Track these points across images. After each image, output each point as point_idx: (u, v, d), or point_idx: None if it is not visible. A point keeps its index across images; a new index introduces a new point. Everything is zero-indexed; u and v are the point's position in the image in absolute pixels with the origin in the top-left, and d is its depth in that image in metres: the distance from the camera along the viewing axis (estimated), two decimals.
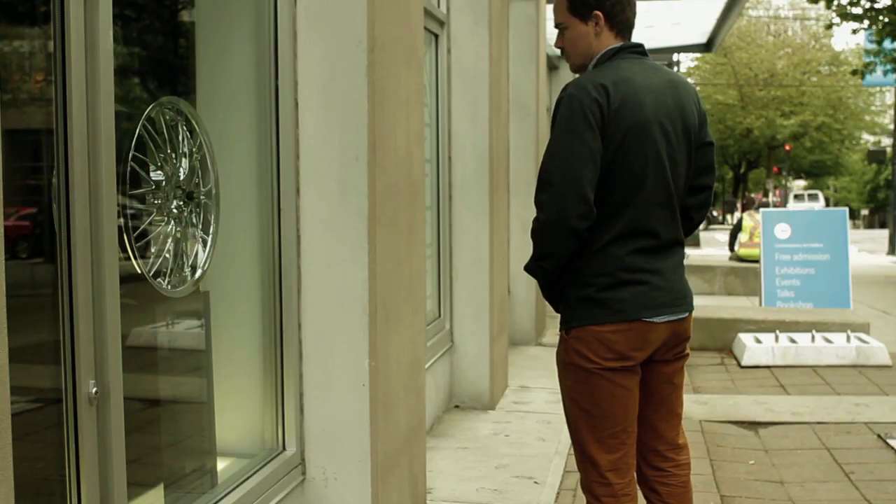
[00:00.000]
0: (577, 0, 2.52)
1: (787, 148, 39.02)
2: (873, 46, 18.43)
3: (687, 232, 2.68)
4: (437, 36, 5.38)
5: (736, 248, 15.77)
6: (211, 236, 2.70)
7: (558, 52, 2.66)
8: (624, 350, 2.44)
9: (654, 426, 2.63)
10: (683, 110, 2.52)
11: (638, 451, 2.63)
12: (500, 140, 5.83)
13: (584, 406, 2.50)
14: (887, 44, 17.27)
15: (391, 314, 3.21)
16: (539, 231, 2.46)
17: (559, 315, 2.59)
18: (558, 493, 4.04)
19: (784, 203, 35.19)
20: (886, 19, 15.82)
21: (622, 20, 2.53)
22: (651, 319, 2.45)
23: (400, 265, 3.32)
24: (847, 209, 10.48)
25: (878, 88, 39.05)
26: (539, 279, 2.57)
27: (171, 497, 2.59)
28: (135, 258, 2.30)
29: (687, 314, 2.56)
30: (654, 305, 2.46)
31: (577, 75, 2.57)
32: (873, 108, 43.37)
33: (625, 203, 2.44)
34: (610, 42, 2.53)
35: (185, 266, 2.59)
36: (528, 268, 2.58)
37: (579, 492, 4.06)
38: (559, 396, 2.67)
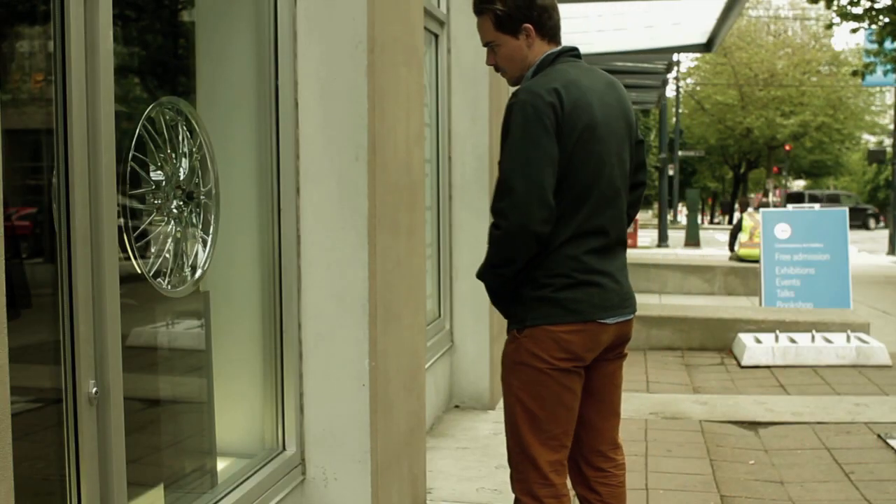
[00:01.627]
0: (503, 18, 2.51)
1: (787, 148, 39.01)
2: (873, 47, 18.43)
3: None
4: (437, 36, 5.38)
5: (736, 248, 15.77)
6: (211, 236, 2.70)
7: None
8: (577, 350, 2.45)
9: (595, 427, 2.63)
10: (624, 109, 2.56)
11: (578, 453, 2.63)
12: (499, 140, 5.83)
13: (529, 407, 2.47)
14: (887, 44, 17.27)
15: (391, 314, 3.21)
16: (501, 238, 2.41)
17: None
18: None
19: (784, 203, 35.20)
20: (887, 19, 15.82)
21: (550, 27, 2.54)
22: (604, 321, 2.46)
23: (400, 265, 3.32)
24: (847, 209, 10.48)
25: (878, 88, 39.04)
26: (495, 286, 2.54)
27: (171, 497, 2.59)
28: (135, 258, 2.30)
29: (632, 316, 2.58)
30: (607, 306, 2.47)
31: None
32: (873, 108, 43.36)
33: (579, 204, 2.45)
34: (544, 49, 2.54)
35: (185, 266, 2.59)
36: (482, 276, 2.53)
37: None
38: None
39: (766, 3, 41.92)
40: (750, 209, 18.85)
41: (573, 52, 2.57)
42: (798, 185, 53.79)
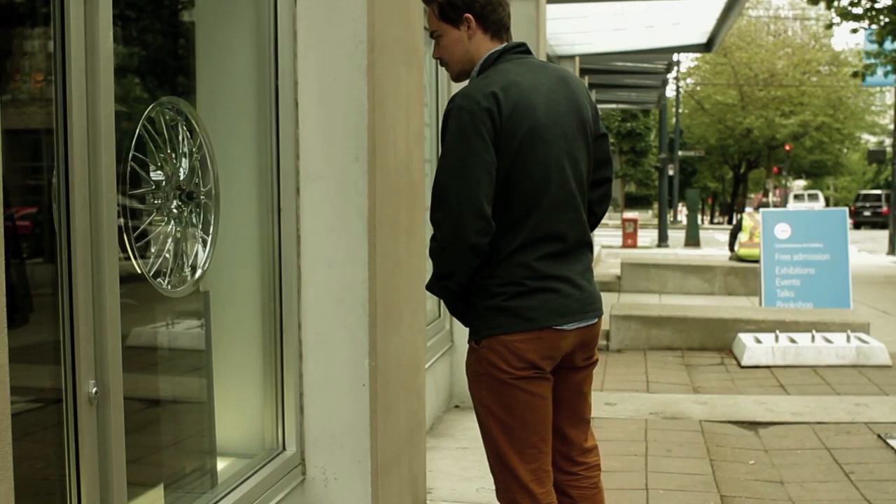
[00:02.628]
0: (445, 5, 2.44)
1: (787, 148, 39.02)
2: (874, 48, 18.43)
3: (591, 227, 2.59)
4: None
5: (736, 248, 15.77)
6: (211, 236, 2.70)
7: (558, 52, 2.62)
8: (534, 359, 2.36)
9: (562, 433, 2.57)
10: (577, 106, 2.44)
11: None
12: None
13: (500, 417, 2.41)
14: (887, 44, 17.27)
15: (391, 314, 3.21)
16: (438, 250, 2.35)
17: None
18: None
19: (784, 203, 35.20)
20: (887, 19, 15.82)
21: (494, 21, 2.45)
22: (561, 327, 2.38)
23: (400, 265, 3.32)
24: (847, 209, 10.48)
25: (878, 88, 39.06)
26: (444, 298, 2.48)
27: (171, 497, 2.59)
28: (135, 258, 2.30)
29: (596, 320, 2.49)
30: (565, 312, 2.38)
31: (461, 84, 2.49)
32: (873, 108, 43.38)
33: (528, 210, 2.36)
34: (486, 45, 2.46)
35: (185, 266, 2.59)
36: (431, 287, 2.48)
37: None
38: None
39: (766, 3, 41.94)
40: (749, 209, 18.86)
41: (519, 49, 2.46)
42: (798, 185, 53.79)
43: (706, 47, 12.71)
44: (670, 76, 22.65)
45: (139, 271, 2.34)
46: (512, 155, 2.31)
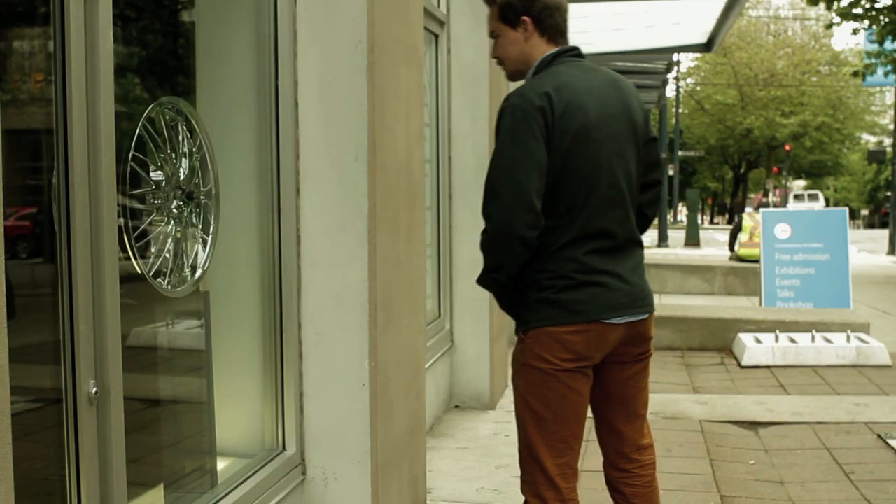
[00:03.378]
0: (505, 7, 2.53)
1: (787, 148, 39.02)
2: (874, 48, 18.42)
3: (642, 229, 2.66)
4: (437, 36, 5.38)
5: (736, 248, 15.78)
6: (211, 236, 2.70)
7: None
8: (582, 350, 2.43)
9: (615, 428, 2.62)
10: (628, 108, 2.51)
11: (602, 453, 2.67)
12: None
13: (535, 408, 2.47)
14: (888, 44, 17.27)
15: (391, 314, 3.21)
16: (488, 243, 2.43)
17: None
18: None
19: (784, 203, 35.19)
20: (887, 19, 15.82)
21: (551, 25, 2.53)
22: (609, 321, 2.43)
23: (400, 265, 3.32)
24: (847, 209, 10.48)
25: (878, 88, 39.05)
26: (494, 291, 2.55)
27: (171, 497, 2.59)
28: (135, 258, 2.30)
29: (647, 315, 2.54)
30: (613, 307, 2.44)
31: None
32: (873, 108, 43.37)
33: (577, 207, 2.43)
34: (542, 48, 2.53)
35: (185, 266, 2.59)
36: (481, 280, 2.54)
37: (579, 491, 4.06)
38: None
39: (766, 3, 41.92)
40: (749, 209, 18.85)
41: (573, 52, 2.54)
42: (798, 185, 53.79)
43: (706, 47, 12.71)
44: (670, 76, 22.66)
45: (139, 271, 2.34)
46: (563, 153, 2.38)
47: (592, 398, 2.58)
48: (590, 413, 2.60)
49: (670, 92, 32.09)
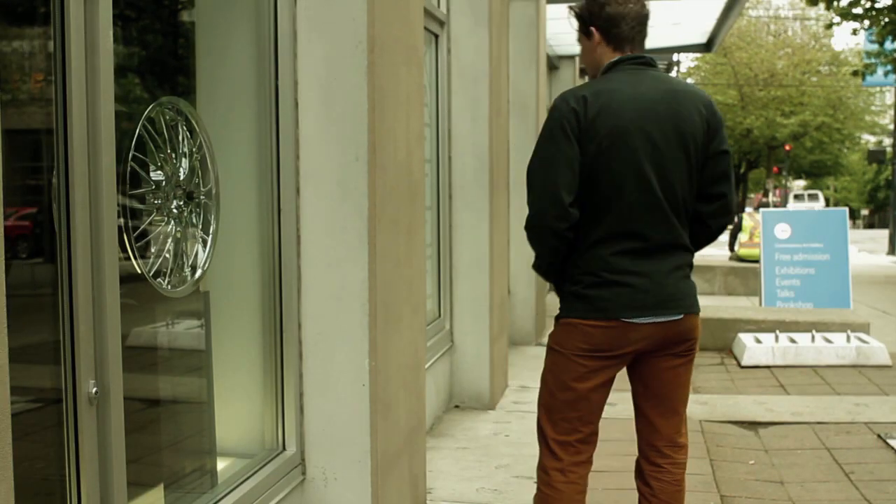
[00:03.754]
0: (579, 20, 2.74)
1: (787, 148, 39.00)
2: (873, 48, 18.42)
3: (704, 239, 2.76)
4: (437, 36, 5.38)
5: (736, 248, 15.77)
6: (211, 236, 2.70)
7: (558, 52, 2.84)
8: (601, 343, 2.58)
9: (651, 421, 2.73)
10: (679, 117, 2.58)
11: (638, 444, 2.79)
12: (500, 140, 5.83)
13: (549, 386, 2.70)
14: (888, 44, 17.27)
15: (391, 314, 3.21)
16: (527, 232, 2.65)
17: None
18: None
19: (784, 203, 35.19)
20: (887, 19, 15.82)
21: (615, 35, 2.67)
22: (632, 320, 2.55)
23: (400, 265, 3.32)
24: (847, 209, 10.48)
25: (878, 88, 39.04)
26: (543, 277, 2.78)
27: (171, 497, 2.59)
28: (135, 258, 2.30)
29: (681, 316, 2.63)
30: (637, 307, 2.55)
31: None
32: (873, 108, 43.34)
33: (607, 206, 2.56)
34: (608, 55, 2.68)
35: (185, 266, 2.59)
36: (533, 266, 2.77)
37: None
38: None
39: (766, 3, 41.89)
40: (749, 209, 18.85)
41: (636, 60, 2.66)
42: (798, 185, 53.79)
43: (706, 47, 12.70)
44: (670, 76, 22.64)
45: (139, 271, 2.34)
46: (593, 154, 2.54)
47: (633, 389, 2.76)
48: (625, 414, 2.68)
49: None
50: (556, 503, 2.70)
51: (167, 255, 2.50)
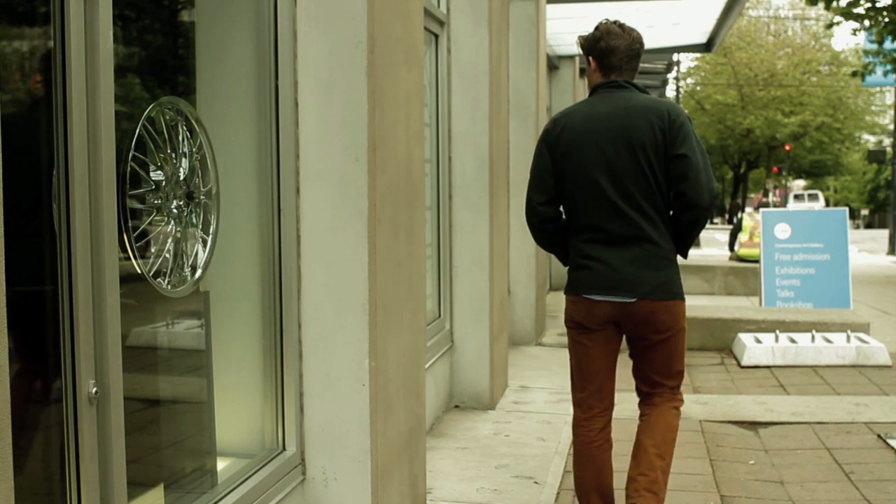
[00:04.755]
0: (582, 50, 3.31)
1: (787, 148, 39.00)
2: (873, 47, 18.42)
3: (681, 232, 3.19)
4: (437, 36, 5.38)
5: (736, 248, 15.78)
6: (211, 236, 2.70)
7: (558, 52, 3.20)
8: (576, 316, 3.21)
9: (645, 376, 3.33)
10: (628, 129, 3.07)
11: (636, 385, 3.38)
12: (500, 140, 5.83)
13: (570, 354, 3.34)
14: (887, 44, 17.26)
15: (391, 314, 3.21)
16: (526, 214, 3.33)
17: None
18: (558, 493, 4.04)
19: (784, 203, 35.18)
20: (887, 19, 15.81)
21: (606, 64, 3.23)
22: (591, 297, 3.14)
23: (400, 265, 3.32)
24: (847, 209, 10.48)
25: (878, 88, 39.04)
26: (561, 261, 3.40)
27: (171, 497, 2.59)
28: (135, 258, 2.30)
29: (634, 299, 3.08)
30: (595, 287, 3.12)
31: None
32: (873, 108, 43.34)
33: (574, 206, 3.19)
34: (598, 79, 3.26)
35: (185, 266, 2.59)
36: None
37: None
38: (559, 396, 2.86)
39: (766, 3, 41.90)
40: (749, 209, 18.84)
41: (609, 84, 3.21)
42: (798, 185, 53.77)
43: (706, 47, 12.70)
44: (670, 76, 22.66)
45: (139, 271, 2.34)
46: (558, 162, 3.18)
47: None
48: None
49: (670, 92, 32.11)
50: (576, 451, 3.34)
51: (167, 255, 2.50)
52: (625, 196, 3.06)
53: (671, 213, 3.16)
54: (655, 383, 3.30)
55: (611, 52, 3.20)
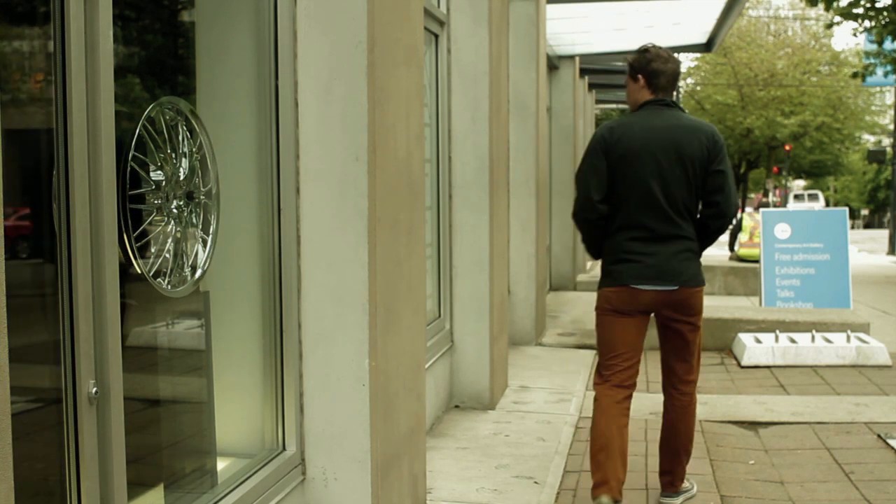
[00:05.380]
0: (631, 68, 3.72)
1: (787, 148, 38.99)
2: (873, 47, 18.41)
3: (705, 237, 3.71)
4: (437, 36, 5.38)
5: (736, 248, 15.77)
6: (211, 236, 2.70)
7: (558, 52, 3.29)
8: (616, 304, 3.63)
9: (669, 365, 3.83)
10: (679, 144, 3.55)
11: (661, 377, 3.87)
12: (500, 140, 5.83)
13: (598, 335, 3.74)
14: (887, 44, 17.25)
15: (391, 314, 3.21)
16: (573, 218, 3.75)
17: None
18: (558, 493, 4.04)
19: (784, 203, 35.16)
20: (887, 19, 15.80)
21: (655, 84, 3.68)
22: (636, 286, 3.58)
23: (400, 265, 3.32)
24: (847, 209, 10.47)
25: (878, 88, 39.04)
26: (587, 250, 3.87)
27: (171, 497, 2.59)
28: (135, 258, 2.30)
29: (676, 287, 3.59)
30: (642, 277, 3.57)
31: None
32: (873, 108, 43.33)
33: (622, 205, 3.60)
34: (646, 96, 3.69)
35: (185, 266, 2.59)
36: (582, 240, 3.92)
37: (579, 492, 4.07)
38: (559, 396, 2.84)
39: (766, 3, 41.88)
40: (749, 209, 18.84)
41: (658, 102, 3.66)
42: (798, 185, 53.76)
43: (706, 47, 12.69)
44: None
45: (139, 271, 2.34)
46: (613, 166, 3.59)
47: (660, 345, 3.82)
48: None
49: None
50: (597, 410, 3.65)
51: (167, 255, 2.50)
52: (670, 200, 3.56)
53: (698, 216, 3.69)
54: (681, 377, 3.81)
55: (661, 73, 3.66)
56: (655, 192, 3.53)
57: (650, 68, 3.66)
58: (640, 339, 3.68)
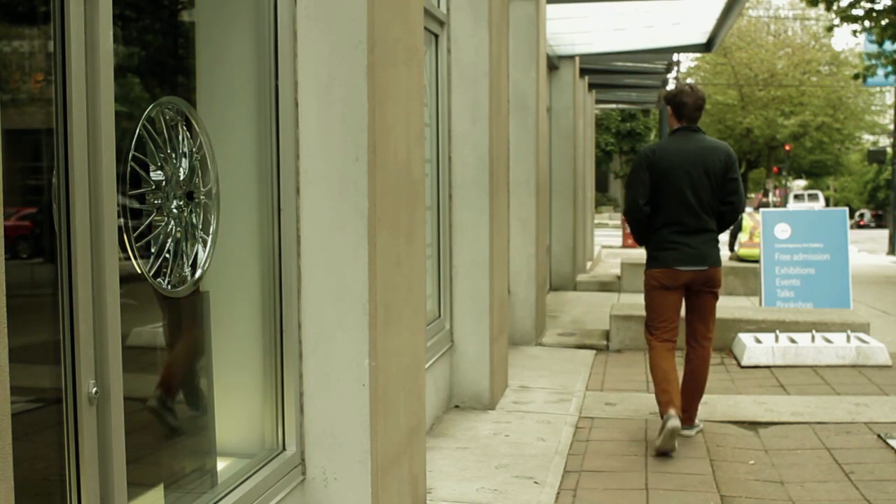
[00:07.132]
0: (665, 101, 4.96)
1: (787, 148, 39.00)
2: (874, 48, 18.39)
3: (723, 224, 4.93)
4: (437, 36, 5.38)
5: (736, 248, 15.76)
6: (211, 236, 2.70)
7: (558, 52, 3.25)
8: (662, 281, 4.82)
9: (693, 326, 4.94)
10: (705, 162, 4.78)
11: (685, 335, 4.96)
12: (500, 140, 5.83)
13: (647, 301, 4.94)
14: (887, 45, 17.24)
15: (391, 314, 3.21)
16: (625, 216, 5.03)
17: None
18: (558, 493, 4.04)
19: (784, 203, 35.16)
20: (887, 20, 15.79)
21: (681, 113, 4.90)
22: (678, 268, 4.78)
23: (400, 265, 3.32)
24: (847, 209, 10.47)
25: (878, 88, 39.03)
26: (635, 239, 5.09)
27: (171, 497, 2.59)
28: (135, 258, 2.30)
29: (706, 267, 4.77)
30: (682, 261, 4.77)
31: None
32: (873, 108, 43.33)
33: (663, 207, 4.81)
34: (675, 124, 4.93)
35: (185, 266, 2.59)
36: (630, 231, 5.15)
37: (579, 492, 4.07)
38: (559, 396, 2.84)
39: (766, 3, 41.89)
40: (749, 209, 18.83)
41: (686, 129, 4.89)
42: (798, 185, 53.75)
43: (706, 47, 12.69)
44: (670, 76, 22.61)
45: (139, 271, 2.34)
46: (657, 179, 4.80)
47: (686, 311, 4.93)
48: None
49: None
50: (653, 355, 4.84)
51: (167, 255, 2.50)
52: (700, 203, 4.78)
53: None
54: (702, 334, 4.90)
55: (683, 105, 4.88)
56: (689, 197, 4.75)
57: (677, 100, 4.87)
58: (679, 307, 4.88)
